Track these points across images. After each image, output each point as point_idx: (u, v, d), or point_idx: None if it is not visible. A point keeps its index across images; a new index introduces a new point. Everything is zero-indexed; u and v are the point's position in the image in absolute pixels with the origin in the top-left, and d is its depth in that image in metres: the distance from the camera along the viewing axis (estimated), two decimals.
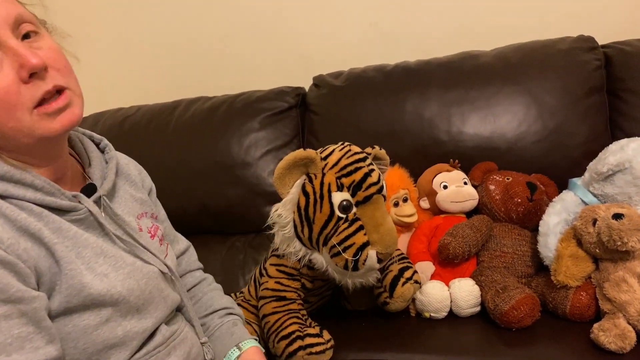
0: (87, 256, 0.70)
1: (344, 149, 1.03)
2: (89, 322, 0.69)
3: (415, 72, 1.48)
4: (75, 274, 0.68)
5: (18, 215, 0.66)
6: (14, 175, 0.68)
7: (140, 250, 0.79)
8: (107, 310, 0.70)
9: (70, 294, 0.67)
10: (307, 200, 1.00)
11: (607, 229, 1.00)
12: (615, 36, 1.44)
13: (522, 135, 1.35)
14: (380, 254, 0.97)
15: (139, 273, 0.76)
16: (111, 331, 0.71)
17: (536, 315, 1.05)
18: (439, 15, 1.66)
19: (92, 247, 0.71)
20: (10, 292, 0.61)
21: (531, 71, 1.38)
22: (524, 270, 1.18)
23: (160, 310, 0.80)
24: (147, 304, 0.77)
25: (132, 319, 0.74)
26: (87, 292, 0.68)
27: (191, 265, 1.04)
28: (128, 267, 0.75)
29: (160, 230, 0.90)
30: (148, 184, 0.96)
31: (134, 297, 0.74)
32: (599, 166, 1.11)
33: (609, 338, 0.94)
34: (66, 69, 0.71)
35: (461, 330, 1.11)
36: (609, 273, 1.03)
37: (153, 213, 0.91)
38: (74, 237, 0.70)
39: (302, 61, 1.77)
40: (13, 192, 0.67)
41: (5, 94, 0.63)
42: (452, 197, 1.27)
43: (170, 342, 0.80)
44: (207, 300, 0.99)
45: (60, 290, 0.67)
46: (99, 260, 0.72)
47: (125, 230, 0.79)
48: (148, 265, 0.79)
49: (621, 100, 1.37)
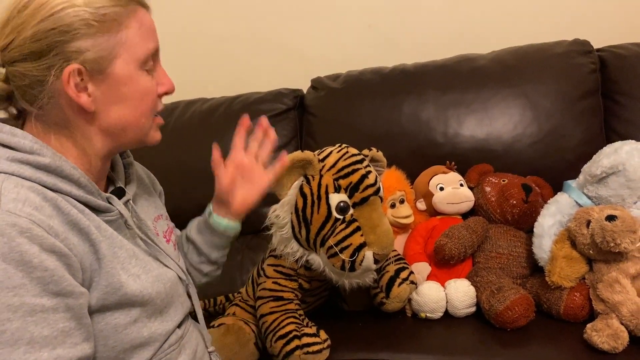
0: (122, 257, 0.71)
1: (341, 150, 1.04)
2: (120, 321, 0.70)
3: (413, 75, 1.49)
4: (114, 273, 0.69)
5: (70, 209, 0.66)
6: (64, 169, 0.68)
7: (162, 255, 0.81)
8: (136, 310, 0.72)
9: (108, 292, 0.68)
10: (304, 201, 1.01)
11: (600, 230, 1.01)
12: (610, 40, 1.45)
13: (517, 138, 1.36)
14: (377, 255, 0.98)
15: (164, 277, 0.78)
16: (138, 331, 0.72)
17: (531, 315, 1.06)
18: (436, 19, 1.67)
19: (125, 249, 0.73)
20: (62, 285, 0.62)
21: (527, 74, 1.40)
22: (519, 271, 1.19)
23: (179, 314, 0.82)
24: (169, 307, 0.79)
25: (156, 321, 0.75)
26: (123, 291, 0.69)
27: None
28: (155, 271, 0.77)
29: (174, 234, 0.92)
30: (158, 188, 0.98)
31: (160, 299, 0.76)
32: (593, 168, 1.13)
33: (602, 338, 0.95)
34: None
35: (457, 330, 1.12)
36: (602, 274, 1.04)
37: (167, 215, 0.93)
38: (110, 237, 0.71)
39: (300, 63, 1.78)
40: (61, 187, 0.67)
41: (155, 96, 0.76)
42: (448, 198, 1.28)
43: (180, 340, 0.82)
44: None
45: (97, 288, 0.68)
46: (132, 262, 0.73)
47: (147, 234, 0.80)
48: (170, 270, 0.81)
49: (616, 103, 1.38)
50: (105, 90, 0.70)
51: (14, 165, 0.65)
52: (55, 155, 0.68)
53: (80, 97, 0.68)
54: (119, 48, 0.69)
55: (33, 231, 0.60)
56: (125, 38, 0.69)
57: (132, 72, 0.71)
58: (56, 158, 0.68)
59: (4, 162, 0.65)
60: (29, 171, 0.65)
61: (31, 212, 0.61)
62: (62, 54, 0.66)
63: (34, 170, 0.66)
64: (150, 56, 0.73)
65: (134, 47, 0.70)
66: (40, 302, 0.60)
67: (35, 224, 0.60)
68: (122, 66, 0.69)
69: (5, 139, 0.67)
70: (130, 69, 0.70)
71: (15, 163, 0.65)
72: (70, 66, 0.66)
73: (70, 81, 0.66)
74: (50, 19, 0.64)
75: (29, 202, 0.62)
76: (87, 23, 0.66)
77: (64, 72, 0.66)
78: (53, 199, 0.65)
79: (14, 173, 0.65)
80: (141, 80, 0.72)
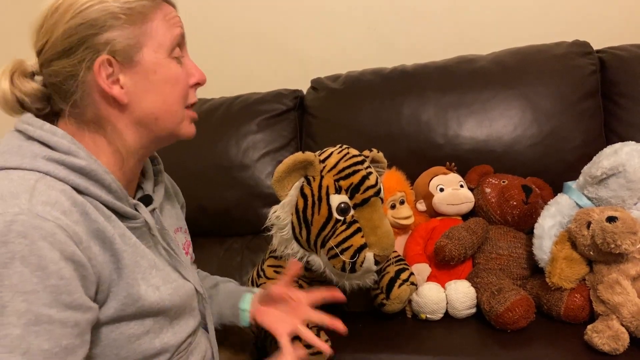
0: (143, 266, 0.71)
1: (342, 151, 1.04)
2: (134, 331, 0.70)
3: (413, 76, 1.49)
4: (134, 283, 0.68)
5: (97, 217, 0.66)
6: (98, 173, 0.68)
7: (183, 267, 0.81)
8: (149, 321, 0.71)
9: (126, 303, 0.68)
10: (305, 202, 1.01)
11: (601, 231, 1.01)
12: (610, 41, 1.46)
13: (517, 139, 1.36)
14: (377, 256, 0.98)
15: (181, 289, 0.78)
16: (150, 342, 0.72)
17: (531, 317, 1.06)
18: (436, 20, 1.67)
19: (147, 258, 0.72)
20: (74, 296, 0.61)
21: (527, 75, 1.40)
22: (519, 273, 1.19)
23: (191, 326, 0.81)
24: (180, 319, 0.78)
25: (168, 332, 0.75)
26: (141, 303, 0.69)
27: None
28: (174, 283, 0.76)
29: (191, 247, 0.92)
30: (181, 200, 0.98)
31: (173, 311, 0.75)
32: (593, 170, 1.13)
33: (603, 339, 0.95)
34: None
35: (457, 331, 1.12)
36: (602, 275, 1.04)
37: (186, 229, 0.93)
38: (134, 245, 0.70)
39: (300, 64, 1.78)
40: (92, 191, 0.67)
41: (186, 84, 0.76)
42: (448, 199, 1.28)
43: (189, 347, 0.81)
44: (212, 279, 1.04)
45: (116, 298, 0.67)
46: (152, 272, 0.72)
47: (169, 244, 0.79)
48: (187, 283, 0.81)
49: (616, 105, 1.38)
50: (136, 80, 0.71)
51: (50, 164, 0.65)
52: (90, 158, 0.68)
53: (112, 89, 0.69)
54: (146, 37, 0.70)
55: (57, 236, 0.59)
56: (151, 29, 0.71)
57: (160, 60, 0.72)
58: (91, 161, 0.68)
59: (41, 161, 0.65)
60: (63, 172, 0.65)
61: (59, 216, 0.60)
62: (92, 47, 0.67)
63: (69, 172, 0.66)
64: (176, 43, 0.74)
65: (160, 36, 0.72)
66: (49, 312, 0.58)
67: (60, 229, 0.60)
68: (150, 54, 0.71)
69: (45, 137, 0.67)
70: (159, 57, 0.72)
71: (52, 163, 0.65)
72: (101, 57, 0.67)
73: (102, 72, 0.68)
74: (80, 15, 0.67)
75: (59, 206, 0.61)
76: (115, 16, 0.68)
77: (94, 64, 0.67)
78: (82, 204, 0.65)
79: (49, 173, 0.64)
80: (171, 68, 0.73)
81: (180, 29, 0.76)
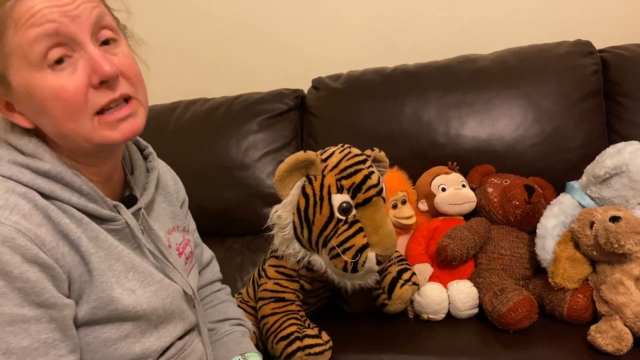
0: (117, 269, 0.70)
1: (344, 151, 1.03)
2: (110, 335, 0.68)
3: (414, 75, 1.49)
4: (105, 287, 0.67)
5: (62, 219, 0.65)
6: (64, 177, 0.67)
7: (170, 268, 0.79)
8: (128, 325, 0.70)
9: (97, 306, 0.67)
10: (307, 202, 1.00)
11: (604, 231, 1.01)
12: (612, 41, 1.45)
13: (519, 139, 1.36)
14: (379, 256, 0.97)
15: (165, 292, 0.76)
16: (129, 347, 0.70)
17: (534, 317, 1.05)
18: (437, 19, 1.67)
19: (124, 261, 0.71)
20: (44, 296, 0.61)
21: (529, 75, 1.39)
22: (521, 273, 1.19)
23: (178, 329, 0.79)
24: (167, 323, 0.77)
25: (151, 336, 0.73)
26: (114, 306, 0.68)
27: (214, 275, 1.04)
28: (156, 285, 0.74)
29: (190, 247, 0.89)
30: (182, 196, 0.95)
31: (156, 315, 0.74)
32: (596, 169, 1.12)
33: (606, 340, 0.95)
34: (137, 78, 0.71)
35: (459, 332, 1.11)
36: (606, 275, 1.04)
37: (185, 227, 0.90)
38: (108, 248, 0.69)
39: (301, 63, 1.77)
40: (59, 195, 0.66)
41: (73, 95, 0.63)
42: (450, 199, 1.28)
43: (181, 353, 0.80)
44: (222, 307, 0.99)
45: (88, 301, 0.67)
46: (129, 275, 0.71)
47: (157, 245, 0.78)
48: (174, 284, 0.78)
49: (618, 105, 1.38)
50: (24, 105, 0.66)
51: (14, 168, 0.65)
52: (55, 161, 0.67)
53: (14, 117, 0.67)
54: (4, 57, 0.62)
55: (16, 241, 0.59)
56: (6, 44, 0.62)
57: (28, 79, 0.63)
58: (56, 164, 0.67)
59: (5, 165, 0.65)
60: (28, 176, 0.65)
61: (18, 220, 0.60)
62: None
63: (34, 176, 0.65)
64: (44, 48, 0.61)
65: (18, 49, 0.62)
66: (22, 312, 0.59)
67: (20, 233, 0.59)
68: (15, 75, 0.63)
69: (14, 140, 0.67)
70: (25, 76, 0.63)
71: (16, 166, 0.65)
72: None
73: None
74: None
75: (17, 210, 0.61)
76: None
77: None
78: (44, 207, 0.64)
79: (12, 177, 0.64)
80: (45, 82, 0.63)
81: (43, 27, 0.61)
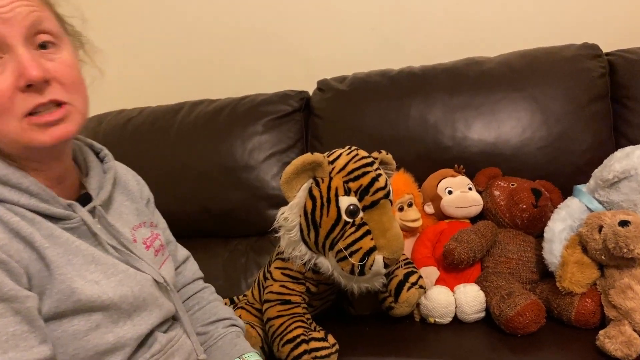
0: (77, 264, 0.70)
1: (351, 153, 1.03)
2: (79, 327, 0.69)
3: (420, 78, 1.48)
4: (65, 279, 0.68)
5: (11, 218, 0.66)
6: (10, 179, 0.68)
7: (134, 259, 0.79)
8: (97, 315, 0.70)
9: (59, 299, 0.67)
10: (314, 204, 1.00)
11: (613, 235, 1.00)
12: (620, 44, 1.44)
13: (526, 142, 1.35)
14: (387, 259, 0.97)
15: (132, 280, 0.76)
16: (102, 337, 0.70)
17: (541, 321, 1.04)
18: (443, 21, 1.66)
19: (83, 255, 0.71)
20: (3, 290, 0.62)
21: (536, 78, 1.39)
22: (528, 276, 1.18)
23: (155, 317, 0.79)
24: (141, 310, 0.76)
25: (125, 325, 0.73)
26: (76, 297, 0.68)
27: (194, 274, 1.03)
28: (120, 274, 0.74)
29: (159, 240, 0.89)
30: (146, 194, 0.95)
31: (127, 303, 0.73)
32: (604, 173, 1.11)
33: (615, 345, 0.94)
34: (73, 84, 0.71)
35: (466, 336, 1.10)
36: (614, 280, 1.03)
37: (152, 222, 0.90)
38: (65, 244, 0.70)
39: (306, 65, 1.77)
40: (7, 197, 0.68)
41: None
42: (456, 202, 1.27)
43: (167, 349, 0.79)
44: (211, 308, 0.98)
45: (50, 295, 0.67)
46: (90, 268, 0.71)
47: (120, 240, 0.78)
48: (141, 273, 0.78)
49: (625, 108, 1.37)
50: None
51: None
52: (1, 164, 0.68)
53: None
54: None
55: None
56: None
57: None
58: (2, 167, 0.68)
59: None
60: None
61: None
62: None
63: None
64: None
65: None
66: None
67: None
68: None
69: None
70: None
71: None
72: None
73: None
74: None
75: None
76: None
77: None
78: None
79: None
80: None
81: None
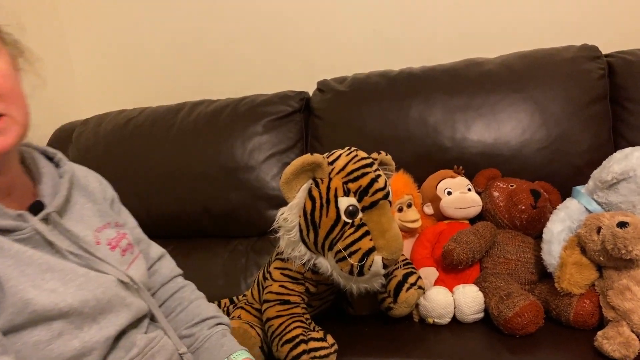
0: (31, 274, 0.69)
1: (350, 153, 1.03)
2: (40, 337, 0.67)
3: (420, 78, 1.48)
4: (16, 291, 0.66)
5: None
6: None
7: (96, 263, 0.77)
8: (58, 323, 0.69)
9: (13, 312, 0.66)
10: (313, 204, 1.00)
11: (611, 237, 1.00)
12: (619, 45, 1.45)
13: (525, 143, 1.36)
14: (386, 259, 0.97)
15: (93, 283, 0.74)
16: (66, 344, 0.69)
17: (540, 322, 1.05)
18: (443, 22, 1.67)
19: (37, 264, 0.70)
20: None
21: (535, 79, 1.39)
22: (527, 277, 1.18)
23: (123, 317, 0.77)
24: (107, 312, 0.75)
25: (91, 329, 0.72)
26: (31, 309, 0.66)
27: (172, 271, 1.00)
28: (80, 279, 0.73)
29: (126, 239, 0.87)
30: (110, 194, 0.94)
31: (89, 307, 0.72)
32: (603, 174, 1.12)
33: (613, 346, 0.94)
34: (9, 95, 0.70)
35: (465, 336, 1.11)
36: (612, 281, 1.04)
37: (117, 222, 0.89)
38: (15, 256, 0.68)
39: (306, 66, 1.77)
40: None
41: None
42: (456, 203, 1.28)
43: (147, 351, 0.79)
44: (194, 308, 0.95)
45: (4, 309, 0.66)
46: (46, 277, 0.70)
47: (79, 244, 0.77)
48: (104, 275, 0.77)
49: (624, 109, 1.37)
50: None
51: None
52: None
53: None
54: None
55: None
56: None
57: None
58: None
59: None
60: None
61: None
62: None
63: None
64: None
65: None
66: None
67: None
68: None
69: None
70: None
71: None
72: None
73: None
74: None
75: None
76: None
77: None
78: None
79: None
80: None
81: None
